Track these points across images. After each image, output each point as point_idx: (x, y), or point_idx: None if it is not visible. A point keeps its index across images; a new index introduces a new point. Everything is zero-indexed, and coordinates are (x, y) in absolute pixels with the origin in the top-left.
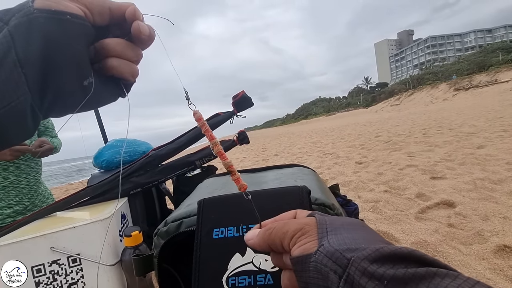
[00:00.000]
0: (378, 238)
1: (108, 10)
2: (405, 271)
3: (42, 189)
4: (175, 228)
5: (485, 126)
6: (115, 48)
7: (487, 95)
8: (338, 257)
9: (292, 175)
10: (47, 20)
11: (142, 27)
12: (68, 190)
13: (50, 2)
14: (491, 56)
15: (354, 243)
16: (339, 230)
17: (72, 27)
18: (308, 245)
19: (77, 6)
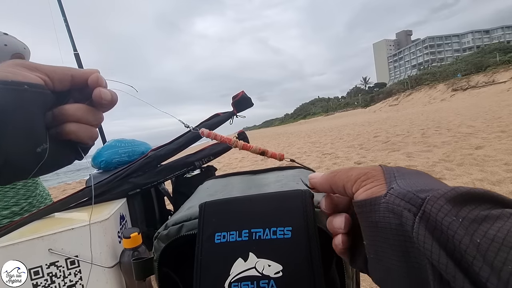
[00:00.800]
0: (446, 185)
1: (70, 77)
2: (480, 211)
3: (40, 189)
4: (176, 231)
5: (483, 127)
6: (74, 114)
7: (485, 96)
8: (412, 198)
9: (294, 177)
10: (1, 91)
11: (103, 93)
12: (66, 190)
13: (7, 73)
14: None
15: (425, 186)
16: (407, 176)
17: (28, 96)
18: (376, 188)
19: (36, 75)
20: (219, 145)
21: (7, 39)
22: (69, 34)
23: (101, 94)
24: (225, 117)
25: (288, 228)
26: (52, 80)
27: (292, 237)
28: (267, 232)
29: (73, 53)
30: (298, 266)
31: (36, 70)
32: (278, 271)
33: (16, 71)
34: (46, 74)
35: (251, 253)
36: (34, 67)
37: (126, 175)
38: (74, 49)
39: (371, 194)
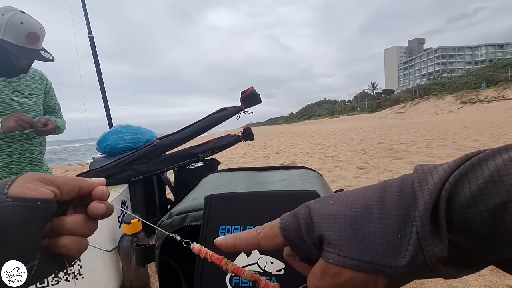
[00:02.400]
0: (372, 208)
1: (77, 189)
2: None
3: (44, 169)
4: (180, 221)
5: (489, 142)
6: (72, 228)
7: (493, 111)
8: (415, 268)
9: (299, 177)
10: (15, 208)
11: (96, 208)
12: (68, 171)
13: (25, 189)
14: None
15: (396, 241)
16: (369, 247)
17: (38, 212)
18: (379, 285)
19: (49, 189)
20: (224, 138)
21: (24, 17)
22: (85, 17)
23: (94, 209)
24: (233, 112)
25: None
26: (62, 192)
27: None
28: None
29: (88, 35)
30: None
31: (50, 184)
32: (280, 269)
33: (33, 187)
34: (58, 186)
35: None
36: (49, 181)
37: (130, 161)
38: (89, 32)
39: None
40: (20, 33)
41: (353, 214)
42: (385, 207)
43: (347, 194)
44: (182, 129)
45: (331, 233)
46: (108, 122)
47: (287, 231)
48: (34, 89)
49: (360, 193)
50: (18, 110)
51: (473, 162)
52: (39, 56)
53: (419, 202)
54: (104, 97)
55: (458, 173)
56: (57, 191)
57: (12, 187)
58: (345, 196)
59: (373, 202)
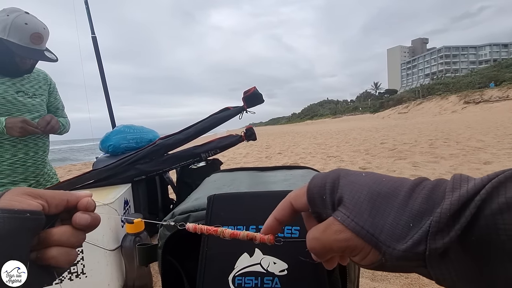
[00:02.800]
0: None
1: (65, 202)
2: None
3: (48, 168)
4: (182, 221)
5: (493, 142)
6: (60, 239)
7: (497, 111)
8: (412, 256)
9: (302, 177)
10: (5, 220)
11: (79, 219)
12: (71, 171)
13: (14, 202)
14: (505, 71)
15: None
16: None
17: (27, 223)
18: (370, 257)
19: (38, 202)
20: (227, 138)
21: (28, 18)
22: (88, 17)
23: (77, 219)
24: (235, 112)
25: (296, 228)
26: (50, 205)
27: (300, 237)
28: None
29: (91, 36)
30: (304, 266)
31: (38, 197)
32: (283, 269)
33: (21, 200)
34: (46, 200)
35: (257, 249)
36: (37, 194)
37: (133, 161)
38: (92, 32)
39: (370, 262)
40: (24, 34)
41: (378, 190)
42: (411, 198)
43: (381, 175)
44: (184, 129)
45: (350, 198)
46: (111, 122)
47: (313, 186)
48: (38, 89)
49: (395, 178)
50: (22, 110)
51: (510, 174)
52: (43, 57)
53: (445, 201)
54: (107, 97)
55: (496, 181)
56: (45, 204)
57: (1, 200)
58: (378, 175)
59: (402, 189)
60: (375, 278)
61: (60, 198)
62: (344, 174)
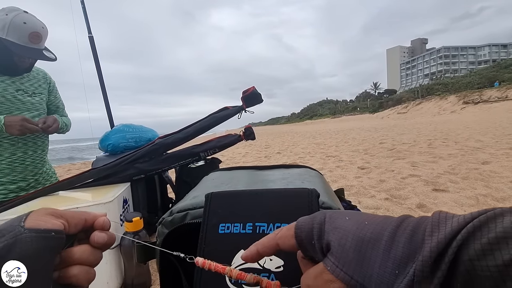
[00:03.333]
0: (382, 237)
1: (83, 222)
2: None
3: (47, 167)
4: (180, 218)
5: (492, 142)
6: (80, 257)
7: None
8: None
9: (300, 176)
10: (33, 239)
11: (97, 237)
12: (71, 170)
13: (40, 221)
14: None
15: (390, 276)
16: (366, 274)
17: (52, 242)
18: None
19: (60, 221)
20: (226, 137)
21: (26, 17)
22: (85, 17)
23: (95, 238)
24: (234, 111)
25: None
26: (70, 225)
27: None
28: (271, 227)
29: (88, 35)
30: None
31: (60, 217)
32: (279, 266)
33: (46, 219)
34: (67, 219)
35: None
36: (60, 215)
37: (132, 160)
38: (88, 32)
39: None
40: (23, 33)
41: (362, 236)
42: (394, 242)
43: (364, 216)
44: (183, 128)
45: (336, 246)
46: (109, 121)
47: (301, 231)
48: (38, 88)
49: (377, 219)
50: (22, 108)
51: (488, 216)
52: (42, 56)
53: (425, 247)
54: (105, 96)
55: (471, 226)
56: (66, 224)
57: (28, 220)
58: (361, 217)
59: (384, 233)
60: None
61: (79, 217)
62: (329, 218)
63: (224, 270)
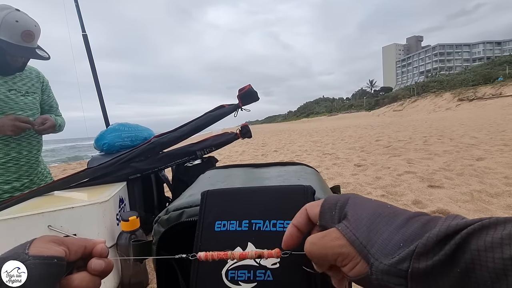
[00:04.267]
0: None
1: (83, 249)
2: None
3: (42, 167)
4: (176, 217)
5: (486, 139)
6: (79, 285)
7: (490, 108)
8: (395, 272)
9: (296, 173)
10: (37, 266)
11: (94, 265)
12: (66, 170)
13: (43, 249)
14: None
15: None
16: (371, 239)
17: (54, 269)
18: (358, 267)
19: (62, 248)
20: (222, 136)
21: (19, 15)
22: (78, 15)
23: (92, 265)
24: (230, 109)
25: (288, 222)
26: (70, 252)
27: None
28: (267, 224)
29: (82, 33)
30: (295, 259)
31: (62, 244)
32: (275, 263)
33: (50, 246)
34: (68, 246)
35: (250, 243)
36: (61, 242)
37: (128, 159)
38: (82, 30)
39: (358, 273)
40: (15, 32)
41: (380, 212)
42: (408, 223)
43: (388, 204)
44: (179, 127)
45: (353, 214)
46: (104, 121)
47: (327, 202)
48: (31, 87)
49: (399, 208)
50: (15, 108)
51: (505, 219)
52: (35, 55)
53: (435, 228)
54: (99, 95)
55: (487, 221)
56: (67, 250)
57: (32, 248)
58: (385, 203)
59: (403, 215)
60: None
61: (78, 244)
62: (355, 197)
63: (226, 255)
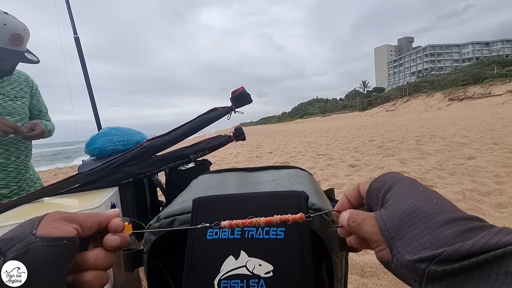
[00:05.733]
0: (437, 218)
1: (97, 224)
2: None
3: (31, 173)
4: (168, 225)
5: (477, 138)
6: (95, 262)
7: (480, 107)
8: (413, 269)
9: (289, 177)
10: (44, 248)
11: (110, 241)
12: (57, 175)
13: (52, 229)
14: (487, 69)
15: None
16: (401, 232)
17: (64, 250)
18: (383, 253)
19: (73, 227)
20: (216, 139)
21: (7, 18)
22: (70, 17)
23: (108, 242)
24: (223, 112)
25: (281, 229)
26: (83, 228)
27: (285, 238)
28: (260, 232)
29: (73, 36)
30: (289, 267)
31: (73, 222)
32: (268, 271)
33: (58, 226)
34: (80, 224)
35: (243, 252)
36: (72, 219)
37: (119, 163)
38: (74, 32)
39: (382, 257)
40: (3, 35)
41: (419, 207)
42: (447, 225)
43: (437, 195)
44: (172, 130)
45: (393, 203)
46: (96, 124)
47: (376, 182)
48: (19, 91)
49: (447, 203)
50: (3, 113)
51: None
52: (24, 58)
53: (471, 240)
54: (91, 98)
55: None
56: (79, 228)
57: (40, 228)
58: (434, 195)
59: (444, 216)
60: (364, 274)
61: (92, 220)
62: (402, 181)
63: (252, 222)
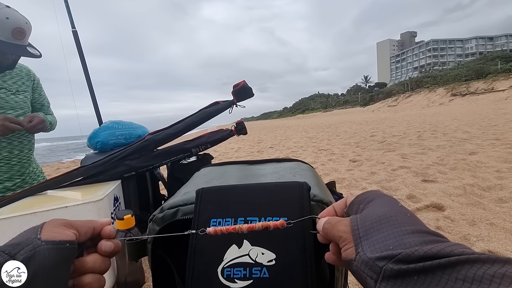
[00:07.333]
0: (406, 227)
1: (92, 230)
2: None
3: (33, 166)
4: (171, 215)
5: (479, 133)
6: (93, 266)
7: (483, 103)
8: (372, 266)
9: (291, 170)
10: (50, 251)
11: (104, 246)
12: (60, 169)
13: (55, 234)
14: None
15: (383, 247)
16: (370, 234)
17: (67, 253)
18: (349, 251)
19: (72, 232)
20: (217, 133)
21: (9, 12)
22: (67, 11)
23: (102, 247)
24: (225, 106)
25: (283, 219)
26: (80, 234)
27: (287, 227)
28: (263, 221)
29: (71, 30)
30: (291, 256)
31: (72, 227)
32: (271, 260)
33: (60, 231)
34: (77, 229)
35: (246, 241)
36: (71, 225)
37: (122, 157)
38: (72, 26)
39: (347, 256)
40: (5, 29)
41: (391, 215)
42: (413, 234)
43: (412, 213)
44: (174, 124)
45: (368, 210)
46: (97, 118)
47: (360, 196)
48: (21, 85)
49: (420, 221)
50: (5, 107)
51: (507, 259)
52: (26, 52)
53: (429, 245)
54: (91, 92)
55: (485, 256)
56: (77, 233)
57: (43, 233)
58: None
59: (413, 227)
60: None
61: (87, 226)
62: (384, 197)
63: (235, 229)
